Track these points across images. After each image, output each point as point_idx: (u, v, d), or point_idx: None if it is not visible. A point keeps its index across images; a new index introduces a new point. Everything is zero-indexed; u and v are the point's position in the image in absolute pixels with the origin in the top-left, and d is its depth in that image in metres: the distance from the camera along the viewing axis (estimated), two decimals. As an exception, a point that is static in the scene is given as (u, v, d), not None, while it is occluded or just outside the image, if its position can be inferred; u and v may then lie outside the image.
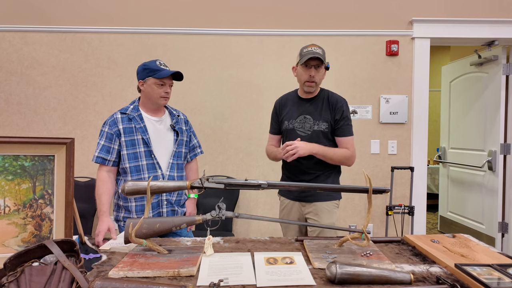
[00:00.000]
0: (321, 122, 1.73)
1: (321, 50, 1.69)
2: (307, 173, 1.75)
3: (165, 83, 1.65)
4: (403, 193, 2.90)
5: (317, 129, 1.73)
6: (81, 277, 0.90)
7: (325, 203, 1.74)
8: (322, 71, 1.71)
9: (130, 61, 2.78)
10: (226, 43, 2.84)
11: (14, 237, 1.15)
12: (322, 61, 1.66)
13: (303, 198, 1.77)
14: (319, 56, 1.64)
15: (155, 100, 1.67)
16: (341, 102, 1.74)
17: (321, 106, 1.75)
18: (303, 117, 1.76)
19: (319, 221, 1.72)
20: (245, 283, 0.99)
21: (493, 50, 3.03)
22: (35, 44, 2.77)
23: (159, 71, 1.62)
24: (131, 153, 1.63)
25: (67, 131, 2.80)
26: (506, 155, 3.07)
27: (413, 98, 2.86)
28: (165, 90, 1.66)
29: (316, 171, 1.74)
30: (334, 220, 1.76)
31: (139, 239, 1.17)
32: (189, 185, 1.25)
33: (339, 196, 1.80)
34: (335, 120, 1.73)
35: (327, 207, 1.74)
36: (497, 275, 0.99)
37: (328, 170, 1.76)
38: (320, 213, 1.74)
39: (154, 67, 1.63)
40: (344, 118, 1.73)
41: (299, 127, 1.75)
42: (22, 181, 1.17)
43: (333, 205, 1.76)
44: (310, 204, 1.75)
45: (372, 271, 0.98)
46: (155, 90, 1.64)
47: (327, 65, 1.72)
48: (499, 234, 3.06)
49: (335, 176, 1.80)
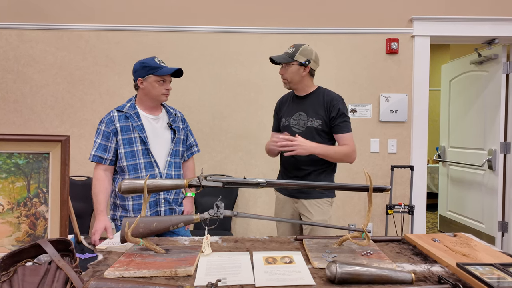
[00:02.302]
0: (314, 119, 1.75)
1: (292, 49, 1.74)
2: (300, 169, 1.78)
3: (166, 80, 1.65)
4: (403, 192, 2.89)
5: (310, 125, 1.75)
6: (76, 277, 0.88)
7: (317, 200, 1.76)
8: (292, 68, 1.73)
9: (127, 59, 2.75)
10: (225, 41, 2.81)
11: (8, 236, 1.13)
12: (277, 61, 1.73)
13: (295, 194, 1.80)
14: (273, 57, 1.73)
15: (156, 98, 1.65)
16: (336, 100, 1.75)
17: (316, 103, 1.77)
18: (298, 114, 1.80)
19: (311, 218, 1.75)
20: (243, 283, 0.97)
21: (493, 49, 3.01)
22: (32, 42, 2.74)
23: (160, 69, 1.61)
24: (128, 151, 1.61)
25: (64, 129, 2.77)
26: (506, 154, 3.05)
27: (413, 97, 2.84)
28: (166, 87, 1.66)
29: (309, 166, 1.77)
30: (327, 218, 1.77)
31: (135, 238, 1.15)
32: (187, 184, 1.24)
33: (332, 194, 1.82)
34: (331, 117, 1.74)
35: (319, 204, 1.76)
36: (500, 274, 0.97)
37: (322, 167, 1.78)
38: (312, 210, 1.76)
39: (154, 64, 1.61)
40: (341, 115, 1.74)
41: (294, 124, 1.79)
42: (16, 179, 1.15)
43: (326, 203, 1.78)
44: (302, 201, 1.78)
45: (373, 271, 0.97)
46: (156, 87, 1.63)
47: (302, 62, 1.72)
48: (499, 233, 3.05)
49: (329, 174, 1.82)
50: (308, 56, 1.73)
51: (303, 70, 1.74)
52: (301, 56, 1.72)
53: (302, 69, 1.74)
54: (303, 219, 1.79)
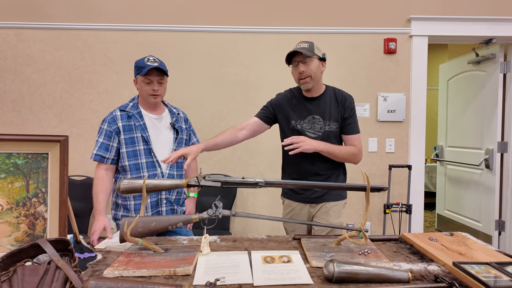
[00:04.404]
0: (332, 122, 1.65)
1: (307, 44, 1.60)
2: (318, 174, 1.67)
3: (152, 80, 1.60)
4: (401, 191, 2.90)
5: (328, 129, 1.65)
6: (75, 277, 0.89)
7: (335, 203, 1.70)
8: (314, 63, 1.59)
9: (126, 58, 2.75)
10: (223, 40, 2.81)
11: (7, 236, 1.13)
12: (304, 53, 1.55)
13: (313, 199, 1.70)
14: (297, 50, 1.56)
15: (145, 98, 1.65)
16: (349, 99, 1.68)
17: (329, 104, 1.66)
18: (312, 117, 1.67)
19: (328, 221, 1.66)
20: (242, 282, 0.98)
21: (490, 48, 3.02)
22: (30, 41, 2.74)
23: (143, 68, 1.58)
24: (131, 151, 1.61)
25: (63, 129, 2.77)
26: (503, 153, 3.07)
27: (410, 96, 2.85)
28: (152, 88, 1.61)
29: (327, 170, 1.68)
30: (342, 220, 1.72)
31: (134, 238, 1.16)
32: (186, 183, 1.24)
33: (346, 195, 1.76)
34: (344, 118, 1.66)
35: (336, 207, 1.70)
36: (495, 273, 0.98)
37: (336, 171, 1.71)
38: (329, 213, 1.69)
39: (141, 64, 1.59)
40: (352, 116, 1.67)
41: (308, 128, 1.66)
42: (15, 179, 1.15)
43: (342, 205, 1.73)
44: (320, 205, 1.70)
45: (370, 270, 0.97)
46: (143, 88, 1.62)
47: (321, 56, 1.62)
48: (496, 232, 3.06)
49: (342, 178, 1.75)
50: (322, 52, 1.65)
51: (322, 66, 1.65)
52: (318, 51, 1.62)
53: (321, 64, 1.64)
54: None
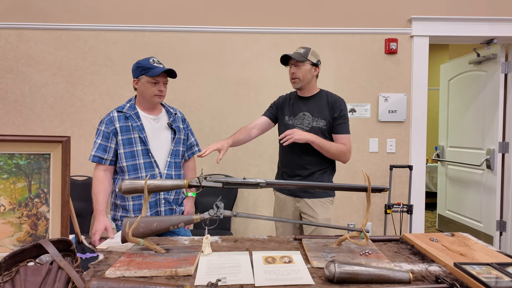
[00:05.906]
0: (319, 119, 1.79)
1: (303, 50, 1.78)
2: (304, 168, 1.80)
3: (159, 81, 1.63)
4: (402, 191, 2.90)
5: (315, 125, 1.79)
6: (77, 277, 0.89)
7: (320, 200, 1.79)
8: (305, 67, 1.77)
9: (127, 59, 2.76)
10: (224, 41, 2.82)
11: (10, 236, 1.14)
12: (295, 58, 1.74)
13: (298, 193, 1.82)
14: (289, 54, 1.75)
15: (149, 99, 1.65)
16: (339, 101, 1.82)
17: (321, 104, 1.82)
18: (302, 114, 1.83)
19: (315, 217, 1.77)
20: (243, 282, 0.98)
21: (491, 49, 3.02)
22: (31, 42, 2.74)
23: (152, 69, 1.59)
24: (128, 151, 1.62)
25: (64, 129, 2.78)
26: (505, 154, 3.07)
27: (411, 97, 2.85)
28: (159, 88, 1.63)
29: (313, 166, 1.79)
30: (330, 216, 1.80)
31: (136, 238, 1.16)
32: (187, 184, 1.24)
33: (333, 193, 1.86)
34: (333, 118, 1.79)
35: (323, 203, 1.79)
36: (497, 274, 0.98)
37: (324, 167, 1.81)
38: (316, 209, 1.78)
39: (147, 65, 1.60)
40: (342, 116, 1.79)
41: (298, 124, 1.82)
42: (17, 179, 1.16)
43: (328, 202, 1.81)
44: (306, 200, 1.80)
45: (371, 270, 0.98)
46: (148, 88, 1.62)
47: (315, 62, 1.78)
48: (497, 233, 3.06)
49: (330, 174, 1.86)
50: (318, 58, 1.82)
51: (314, 70, 1.81)
52: (313, 57, 1.79)
53: (313, 68, 1.80)
54: (304, 218, 1.80)
